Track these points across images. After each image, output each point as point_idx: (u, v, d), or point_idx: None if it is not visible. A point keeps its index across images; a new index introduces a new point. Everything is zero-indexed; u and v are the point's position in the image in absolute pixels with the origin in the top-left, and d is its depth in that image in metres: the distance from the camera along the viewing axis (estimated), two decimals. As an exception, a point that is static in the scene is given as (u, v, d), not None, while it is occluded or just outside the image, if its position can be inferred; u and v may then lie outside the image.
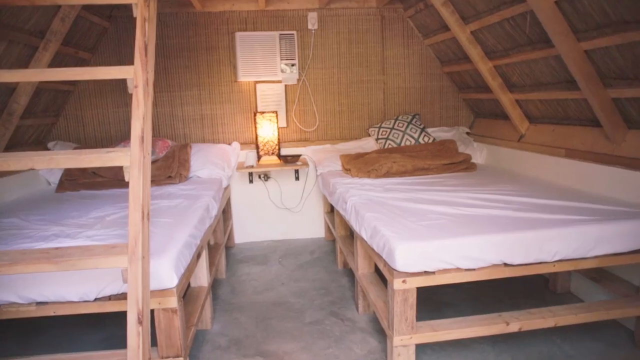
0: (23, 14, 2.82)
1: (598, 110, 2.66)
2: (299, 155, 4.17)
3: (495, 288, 3.03)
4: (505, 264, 2.09)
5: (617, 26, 2.29)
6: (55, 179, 3.69)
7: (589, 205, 2.43)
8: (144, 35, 1.91)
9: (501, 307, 2.39)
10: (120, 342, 2.26)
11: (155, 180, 3.49)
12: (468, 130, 4.52)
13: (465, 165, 3.69)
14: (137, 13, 1.95)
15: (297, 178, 4.40)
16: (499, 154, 3.96)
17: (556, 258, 2.11)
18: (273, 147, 4.16)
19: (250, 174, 4.33)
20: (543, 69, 3.09)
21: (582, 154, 2.95)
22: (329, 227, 4.18)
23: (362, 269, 2.79)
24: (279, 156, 4.17)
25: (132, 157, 1.78)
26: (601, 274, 2.67)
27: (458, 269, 2.05)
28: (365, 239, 2.42)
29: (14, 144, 3.39)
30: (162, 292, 2.02)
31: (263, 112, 4.13)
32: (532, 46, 3.04)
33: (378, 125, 4.31)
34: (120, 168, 1.80)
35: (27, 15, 2.86)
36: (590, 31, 2.47)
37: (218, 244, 3.57)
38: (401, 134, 4.16)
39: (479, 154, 4.19)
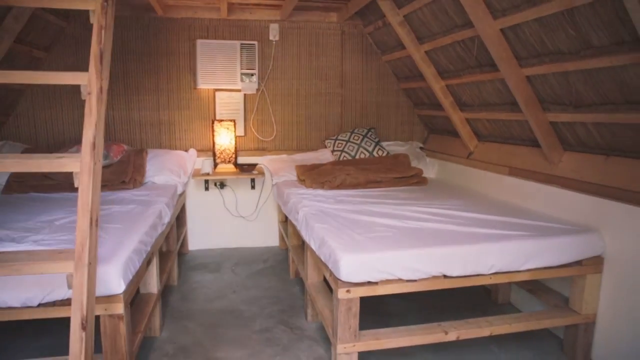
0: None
1: (537, 132, 2.85)
2: (255, 164, 4.20)
3: (440, 299, 3.16)
4: (445, 276, 2.21)
5: (554, 56, 2.48)
6: (2, 180, 3.59)
7: (526, 221, 2.59)
8: (100, 42, 1.92)
9: (444, 317, 2.51)
10: (67, 348, 2.23)
11: (109, 185, 3.44)
12: (421, 146, 4.69)
13: (416, 179, 3.83)
14: (93, 20, 1.96)
15: (253, 187, 4.43)
16: (449, 170, 4.13)
17: (492, 271, 2.24)
18: (230, 156, 4.19)
19: (206, 182, 4.34)
20: (490, 91, 3.27)
21: (524, 173, 3.13)
22: (283, 236, 4.23)
23: (312, 278, 2.86)
24: (236, 165, 4.20)
25: (83, 164, 1.79)
26: (536, 286, 2.84)
27: (400, 280, 2.15)
28: (314, 249, 2.49)
29: (-41, 143, 3.28)
30: (109, 298, 2.02)
31: (221, 120, 4.15)
32: (480, 69, 3.21)
33: (334, 137, 4.41)
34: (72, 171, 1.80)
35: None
36: (530, 58, 2.65)
37: (170, 250, 3.56)
38: (356, 146, 4.27)
39: (430, 168, 4.35)
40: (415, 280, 2.17)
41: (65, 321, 1.74)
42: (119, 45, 4.06)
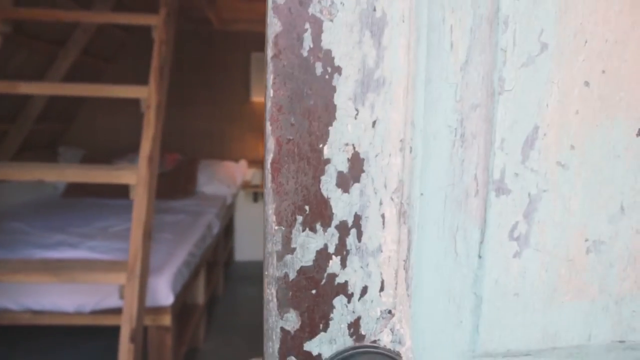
0: (45, 25, 2.90)
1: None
2: (304, 178, 4.19)
3: None
4: None
5: None
6: (61, 184, 3.74)
7: None
8: (160, 57, 1.95)
9: None
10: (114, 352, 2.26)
11: (161, 194, 3.51)
12: None
13: None
14: (155, 35, 2.00)
15: (301, 199, 4.42)
16: None
17: None
18: (279, 168, 4.19)
19: (255, 193, 4.36)
20: None
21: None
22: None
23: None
24: (285, 177, 4.20)
25: (139, 177, 1.81)
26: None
27: None
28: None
29: (27, 148, 3.45)
30: (157, 310, 2.03)
31: (272, 133, 4.17)
32: None
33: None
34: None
35: (50, 26, 2.94)
36: None
37: (217, 261, 3.58)
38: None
39: None
40: None
41: (115, 326, 1.75)
42: (176, 57, 4.16)
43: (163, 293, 2.03)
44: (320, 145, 0.41)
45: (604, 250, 0.49)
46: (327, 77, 0.40)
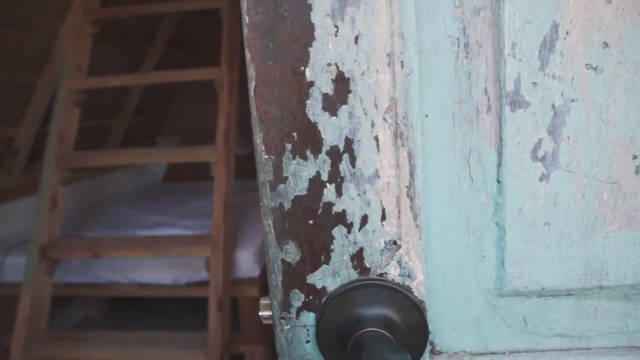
0: (132, 23, 3.12)
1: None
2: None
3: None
4: None
5: None
6: (161, 171, 4.04)
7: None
8: (230, 37, 2.01)
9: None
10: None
11: (246, 174, 3.66)
12: None
13: None
14: (223, 16, 2.06)
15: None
16: None
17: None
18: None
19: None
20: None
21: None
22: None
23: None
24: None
25: (217, 154, 1.90)
26: None
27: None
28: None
29: (129, 140, 3.77)
30: (246, 281, 2.13)
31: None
32: None
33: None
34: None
35: (136, 23, 3.16)
36: None
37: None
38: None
39: None
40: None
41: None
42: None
43: (249, 266, 2.12)
44: (302, 68, 0.39)
45: (660, 167, 0.41)
46: (301, -7, 0.38)
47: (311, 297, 0.42)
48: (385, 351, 0.36)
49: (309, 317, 0.42)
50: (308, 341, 0.43)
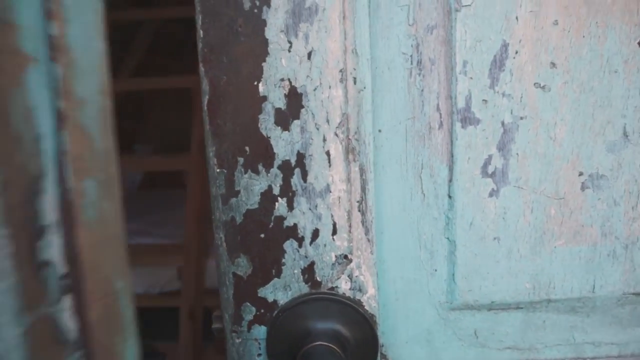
0: (107, 28, 3.09)
1: None
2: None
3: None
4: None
5: None
6: (137, 178, 3.99)
7: None
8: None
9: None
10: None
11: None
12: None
13: None
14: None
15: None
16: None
17: None
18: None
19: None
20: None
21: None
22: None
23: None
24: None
25: (191, 162, 1.88)
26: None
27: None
28: None
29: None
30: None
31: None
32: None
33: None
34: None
35: (114, 29, 3.13)
36: None
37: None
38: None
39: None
40: None
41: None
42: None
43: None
44: (255, 83, 0.39)
45: (605, 185, 0.42)
46: (255, 10, 0.38)
47: (262, 311, 0.42)
48: (332, 366, 0.36)
49: (260, 331, 0.42)
50: (259, 354, 0.42)
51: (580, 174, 0.42)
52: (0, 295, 0.21)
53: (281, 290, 0.41)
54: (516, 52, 0.40)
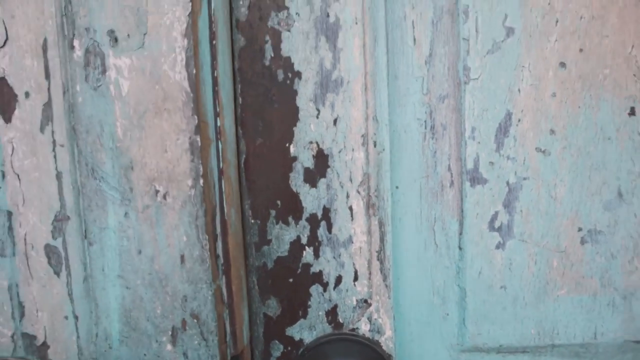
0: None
1: None
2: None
3: None
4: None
5: None
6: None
7: None
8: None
9: None
10: None
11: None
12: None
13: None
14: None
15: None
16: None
17: None
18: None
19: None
20: None
21: None
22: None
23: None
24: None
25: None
26: None
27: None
28: None
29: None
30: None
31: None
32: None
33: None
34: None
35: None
36: None
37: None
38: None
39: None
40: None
41: None
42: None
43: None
44: (287, 145, 0.44)
45: (602, 240, 0.46)
46: (288, 82, 0.44)
47: (289, 348, 0.46)
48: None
49: (287, 368, 0.46)
50: (285, 390, 0.46)
51: (580, 229, 0.46)
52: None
53: (307, 330, 0.46)
54: (519, 120, 0.44)
